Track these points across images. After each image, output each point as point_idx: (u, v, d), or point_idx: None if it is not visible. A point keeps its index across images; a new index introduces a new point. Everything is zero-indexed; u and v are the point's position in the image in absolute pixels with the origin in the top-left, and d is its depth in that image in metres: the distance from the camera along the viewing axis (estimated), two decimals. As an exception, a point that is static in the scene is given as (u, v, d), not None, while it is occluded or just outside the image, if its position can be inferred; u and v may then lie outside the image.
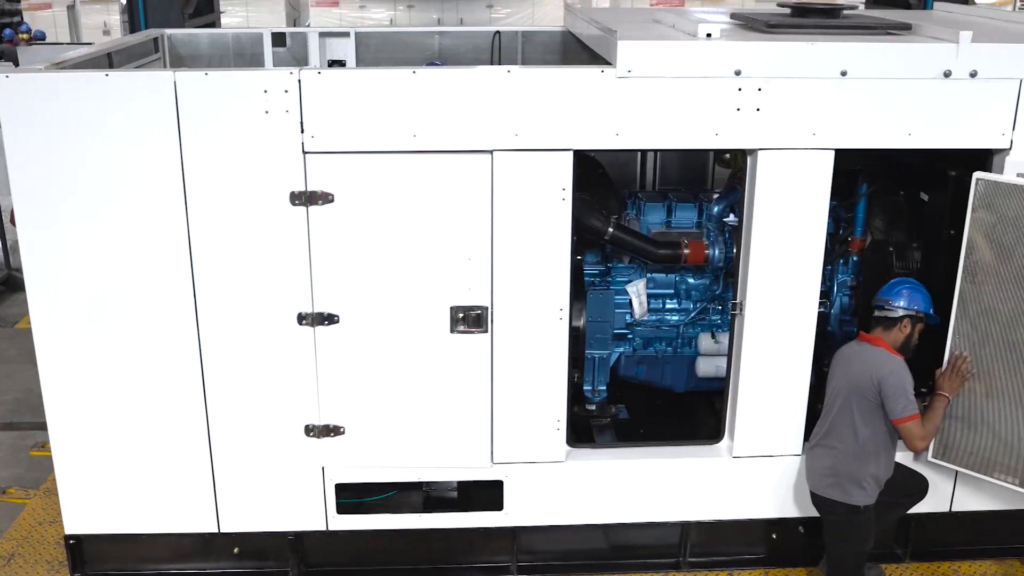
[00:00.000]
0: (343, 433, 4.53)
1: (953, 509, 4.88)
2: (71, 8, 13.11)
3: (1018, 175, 4.27)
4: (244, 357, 4.40)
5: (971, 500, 4.84)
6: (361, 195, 4.21)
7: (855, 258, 5.20)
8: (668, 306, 5.31)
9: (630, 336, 5.33)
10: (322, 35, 5.85)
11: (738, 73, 4.14)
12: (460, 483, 4.87)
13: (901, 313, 4.36)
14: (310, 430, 4.51)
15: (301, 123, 4.10)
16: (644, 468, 4.75)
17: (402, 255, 4.30)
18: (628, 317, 5.23)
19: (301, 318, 4.34)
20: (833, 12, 4.74)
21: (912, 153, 4.45)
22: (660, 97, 4.15)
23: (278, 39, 5.80)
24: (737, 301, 4.54)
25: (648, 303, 5.26)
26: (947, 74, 4.20)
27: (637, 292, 5.19)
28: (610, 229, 4.90)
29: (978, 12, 6.06)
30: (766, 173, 4.30)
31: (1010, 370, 4.31)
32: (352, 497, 4.79)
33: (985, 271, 4.30)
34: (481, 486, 4.73)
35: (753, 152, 4.30)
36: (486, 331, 4.40)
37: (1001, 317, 4.29)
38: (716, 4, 12.07)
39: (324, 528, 4.71)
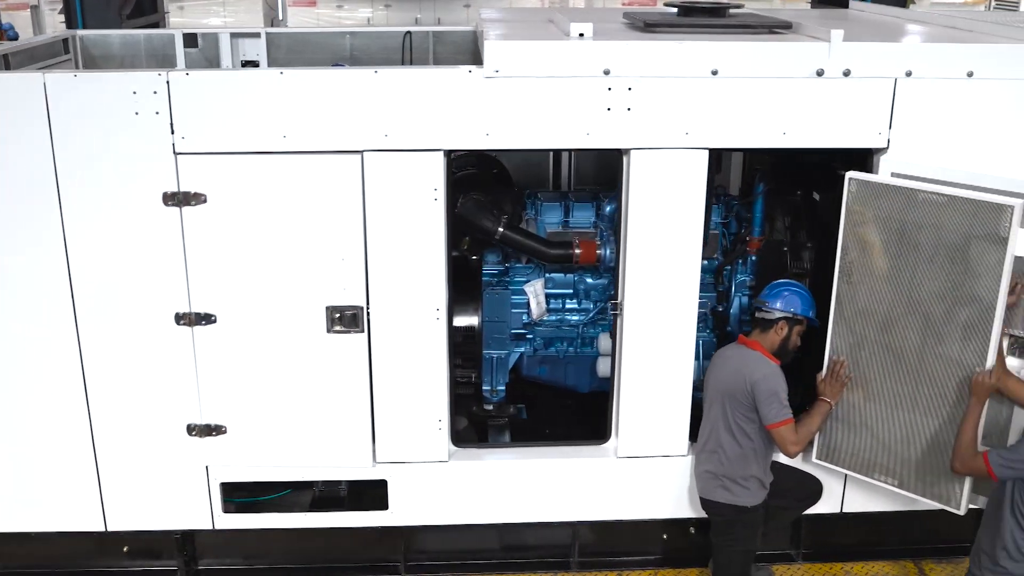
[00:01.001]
0: (225, 432, 4.54)
1: (844, 510, 4.85)
2: (35, 8, 13.27)
3: (892, 174, 4.24)
4: (124, 357, 4.42)
5: (861, 501, 4.81)
6: (233, 196, 4.23)
7: (753, 258, 5.18)
8: (568, 306, 5.31)
9: (530, 336, 5.33)
10: (233, 36, 5.85)
11: (607, 73, 4.13)
12: (351, 483, 4.88)
13: (778, 315, 4.34)
14: (192, 429, 4.53)
15: (171, 124, 4.12)
16: (530, 468, 4.74)
17: (277, 255, 4.30)
18: (525, 317, 5.23)
19: (179, 318, 4.36)
20: (718, 11, 4.72)
21: (808, 152, 4.43)
22: (529, 97, 4.14)
23: (189, 40, 5.82)
24: (618, 301, 4.53)
25: (548, 303, 5.26)
26: (820, 73, 4.17)
27: (535, 292, 5.19)
28: (500, 229, 4.90)
29: (892, 11, 5.99)
30: (639, 173, 4.29)
31: (885, 372, 4.27)
32: (247, 496, 4.82)
33: (860, 272, 4.27)
34: (368, 486, 4.74)
35: (627, 152, 4.28)
36: (363, 331, 4.40)
37: (876, 318, 4.26)
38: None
39: (211, 527, 4.72)
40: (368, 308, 4.38)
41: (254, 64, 5.96)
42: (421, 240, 4.32)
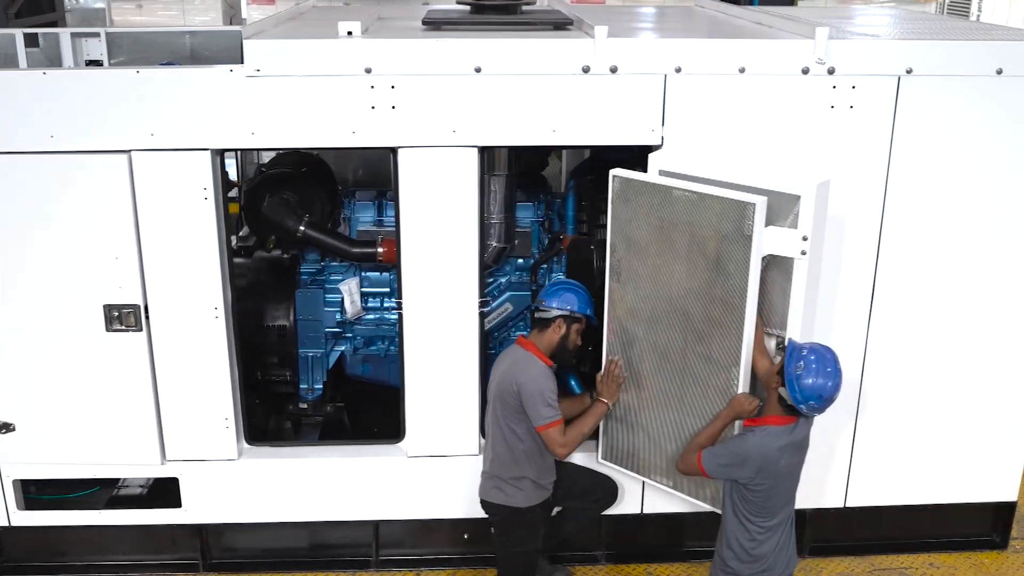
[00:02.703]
0: (14, 430, 4.57)
1: (644, 511, 4.81)
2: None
3: (661, 172, 4.20)
4: (-90, 355, 4.47)
5: (661, 502, 4.77)
6: (5, 195, 4.24)
7: (567, 255, 5.14)
8: (387, 304, 5.29)
9: (349, 335, 5.32)
10: (74, 35, 5.88)
11: (368, 71, 4.11)
12: (154, 481, 4.90)
13: (555, 313, 4.30)
14: (-19, 427, 4.58)
15: (-62, 124, 4.16)
16: (325, 467, 4.74)
17: (53, 254, 4.32)
18: (339, 316, 5.22)
19: (-40, 316, 4.41)
20: (509, 8, 4.68)
21: (618, 150, 4.40)
22: (291, 96, 4.13)
23: (31, 40, 5.84)
24: (400, 300, 4.51)
25: (365, 302, 5.25)
26: (586, 69, 4.13)
27: (349, 291, 5.18)
28: (301, 228, 4.89)
29: (731, 10, 5.88)
30: (408, 172, 4.27)
31: (654, 371, 4.24)
32: (55, 493, 4.86)
33: (628, 271, 4.22)
34: (166, 483, 4.76)
35: (395, 150, 4.26)
36: (141, 330, 4.42)
37: (643, 317, 4.21)
38: (642, 2, 11.93)
39: (6, 524, 4.76)
40: (146, 307, 4.40)
41: (98, 64, 5.99)
42: (194, 240, 4.32)
